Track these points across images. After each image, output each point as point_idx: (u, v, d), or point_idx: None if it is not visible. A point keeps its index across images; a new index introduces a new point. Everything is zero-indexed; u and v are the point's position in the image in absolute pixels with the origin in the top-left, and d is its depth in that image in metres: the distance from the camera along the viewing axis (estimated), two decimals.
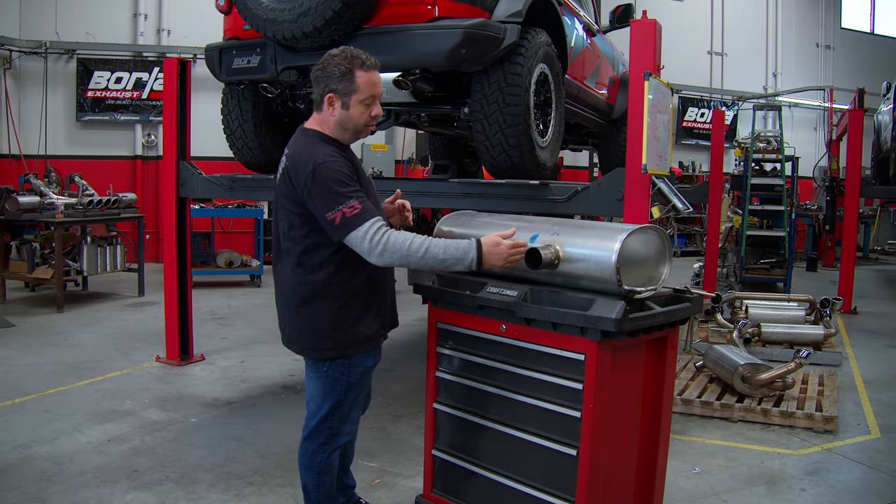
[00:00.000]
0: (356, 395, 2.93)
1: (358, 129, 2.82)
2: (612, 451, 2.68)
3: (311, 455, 2.95)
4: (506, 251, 2.64)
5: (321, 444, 2.93)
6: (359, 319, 2.84)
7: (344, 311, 2.80)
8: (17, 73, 11.62)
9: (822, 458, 4.40)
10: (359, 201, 2.63)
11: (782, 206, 10.55)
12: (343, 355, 2.84)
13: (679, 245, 16.09)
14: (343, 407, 2.90)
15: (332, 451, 2.95)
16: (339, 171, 2.67)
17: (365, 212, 2.62)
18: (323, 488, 2.98)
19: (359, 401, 2.99)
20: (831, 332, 6.84)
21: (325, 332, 2.82)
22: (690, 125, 16.99)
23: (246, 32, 4.84)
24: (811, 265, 13.61)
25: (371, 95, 2.76)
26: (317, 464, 2.95)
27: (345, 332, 2.82)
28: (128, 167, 12.29)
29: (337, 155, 2.73)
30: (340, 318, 2.80)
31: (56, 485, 3.79)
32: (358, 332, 2.83)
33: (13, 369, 5.90)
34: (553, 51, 4.90)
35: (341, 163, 2.70)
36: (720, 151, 9.54)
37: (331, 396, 2.88)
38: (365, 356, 2.90)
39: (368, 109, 2.78)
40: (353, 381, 2.88)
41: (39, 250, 8.68)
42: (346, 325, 2.81)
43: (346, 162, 2.74)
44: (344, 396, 2.88)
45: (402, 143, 14.03)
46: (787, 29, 17.82)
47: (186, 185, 6.03)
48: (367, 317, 2.86)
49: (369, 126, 2.85)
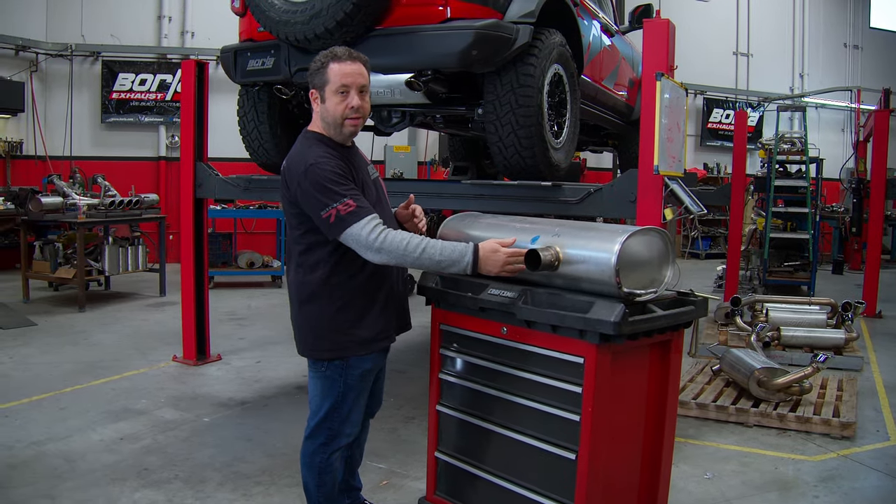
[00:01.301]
0: (355, 396, 2.92)
1: (337, 122, 2.78)
2: (613, 455, 2.64)
3: (311, 455, 2.96)
4: (503, 259, 2.63)
5: (321, 444, 2.94)
6: (357, 321, 2.83)
7: (343, 312, 2.81)
8: (43, 76, 11.81)
9: (838, 465, 4.31)
10: (353, 199, 2.63)
11: (806, 208, 10.38)
12: (340, 357, 2.83)
13: (704, 247, 15.90)
14: (342, 408, 2.90)
15: (332, 451, 2.95)
16: (330, 170, 2.67)
17: (360, 209, 2.63)
18: (324, 489, 2.98)
19: (359, 403, 2.97)
20: (853, 336, 6.71)
21: (324, 333, 2.83)
22: (715, 127, 16.78)
23: (261, 34, 4.86)
24: (837, 268, 13.39)
25: (342, 84, 2.73)
26: (317, 464, 2.95)
27: (343, 333, 2.82)
28: (151, 168, 12.44)
29: (330, 155, 2.74)
30: (339, 318, 2.81)
31: (67, 482, 3.84)
32: (356, 333, 2.83)
33: (32, 367, 5.99)
34: (568, 51, 4.87)
35: (334, 163, 2.71)
36: (743, 153, 9.42)
37: (329, 397, 2.89)
38: (363, 359, 2.88)
39: (344, 100, 2.75)
40: (351, 383, 2.88)
41: (62, 250, 8.80)
42: (345, 327, 2.81)
43: (340, 162, 2.74)
44: (342, 398, 2.88)
45: (424, 145, 14.05)
46: (814, 29, 17.54)
47: (203, 186, 6.09)
48: (367, 318, 2.85)
49: (350, 120, 2.78)
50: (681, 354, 2.88)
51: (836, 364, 6.37)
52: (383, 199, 3.04)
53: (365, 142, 11.15)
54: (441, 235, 3.15)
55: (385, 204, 3.04)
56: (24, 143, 11.48)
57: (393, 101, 4.76)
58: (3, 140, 11.16)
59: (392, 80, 4.54)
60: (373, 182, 2.99)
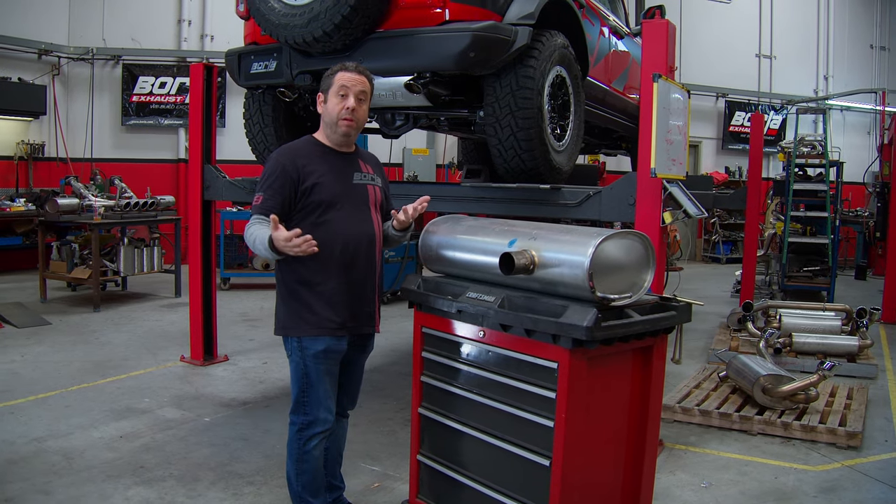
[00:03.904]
0: (318, 378, 3.04)
1: (333, 121, 3.04)
2: (590, 462, 2.60)
3: (291, 443, 3.12)
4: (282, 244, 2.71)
5: (297, 430, 3.09)
6: (308, 303, 3.01)
7: (296, 292, 3.03)
8: (65, 79, 12.00)
9: (841, 476, 4.21)
10: (265, 195, 2.92)
11: (825, 212, 10.20)
12: (289, 333, 3.05)
13: (725, 252, 15.71)
14: (308, 391, 3.05)
15: (308, 438, 3.06)
16: (270, 165, 3.00)
17: (258, 206, 2.91)
18: (303, 477, 3.09)
19: (325, 387, 3.07)
20: (867, 343, 6.57)
21: (282, 312, 3.08)
22: (737, 130, 16.56)
23: (264, 38, 4.88)
24: (860, 273, 13.14)
25: (343, 86, 3.01)
26: (295, 451, 3.09)
27: (294, 314, 3.03)
28: (171, 170, 12.56)
29: (284, 152, 3.04)
30: (292, 297, 3.04)
31: (63, 478, 3.89)
32: (304, 316, 3.01)
33: (42, 366, 6.07)
34: (570, 53, 4.83)
35: (278, 160, 2.99)
36: (759, 156, 9.27)
37: (296, 379, 3.09)
38: (315, 339, 3.01)
39: (342, 101, 3.01)
40: (309, 363, 3.03)
41: (78, 251, 8.92)
42: (295, 307, 3.03)
43: (289, 160, 2.97)
44: (306, 378, 3.04)
45: (443, 148, 14.06)
46: (839, 30, 17.24)
47: (211, 188, 6.14)
48: (314, 305, 3.00)
49: (344, 120, 3.02)
50: (664, 361, 2.83)
51: (848, 371, 6.25)
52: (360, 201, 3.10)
53: (384, 145, 11.19)
54: (424, 235, 3.17)
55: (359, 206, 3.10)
56: (45, 146, 11.66)
57: (395, 104, 4.75)
58: (26, 142, 11.35)
59: (393, 83, 4.53)
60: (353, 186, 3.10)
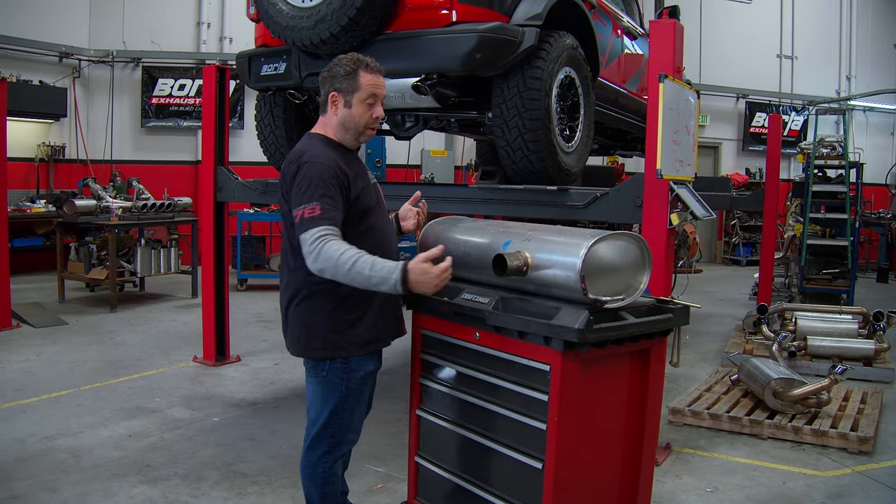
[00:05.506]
0: (356, 401, 2.85)
1: (359, 130, 2.81)
2: (584, 466, 2.58)
3: (313, 466, 2.89)
4: (434, 279, 2.51)
5: (323, 453, 2.87)
6: (357, 321, 2.76)
7: (340, 311, 2.74)
8: (85, 82, 12.14)
9: (851, 482, 4.15)
10: (321, 205, 2.56)
11: (845, 214, 10.06)
12: (338, 357, 2.76)
13: (745, 254, 15.55)
14: (343, 415, 2.82)
15: (335, 460, 2.89)
16: (319, 172, 2.62)
17: (319, 217, 2.55)
18: (327, 499, 2.92)
19: (360, 409, 2.91)
20: (884, 346, 6.47)
21: (319, 332, 2.76)
22: (758, 131, 16.36)
23: (274, 40, 4.90)
24: (881, 276, 12.92)
25: (373, 94, 2.77)
26: (320, 474, 2.88)
27: (341, 332, 2.75)
28: (190, 172, 12.64)
29: (327, 157, 2.69)
30: (335, 317, 2.74)
31: (70, 476, 3.93)
32: (355, 333, 2.76)
33: (56, 365, 6.15)
34: (580, 54, 4.81)
35: (327, 165, 2.66)
36: (776, 157, 9.15)
37: (330, 402, 2.81)
38: (364, 359, 2.81)
39: (370, 110, 2.78)
40: (353, 386, 2.81)
41: (96, 252, 9.01)
42: (343, 326, 2.74)
43: (336, 166, 2.68)
44: (343, 402, 2.81)
45: (461, 150, 14.04)
46: (862, 29, 16.96)
47: (224, 189, 6.18)
48: (365, 318, 2.77)
49: (371, 128, 2.83)
50: (663, 364, 2.80)
51: (864, 375, 6.16)
52: (381, 202, 3.02)
53: (401, 146, 11.10)
54: (423, 237, 3.15)
55: (383, 207, 3.00)
56: (66, 148, 11.80)
57: (404, 106, 4.76)
58: (47, 144, 11.50)
59: (401, 85, 4.53)
60: (372, 186, 2.96)
